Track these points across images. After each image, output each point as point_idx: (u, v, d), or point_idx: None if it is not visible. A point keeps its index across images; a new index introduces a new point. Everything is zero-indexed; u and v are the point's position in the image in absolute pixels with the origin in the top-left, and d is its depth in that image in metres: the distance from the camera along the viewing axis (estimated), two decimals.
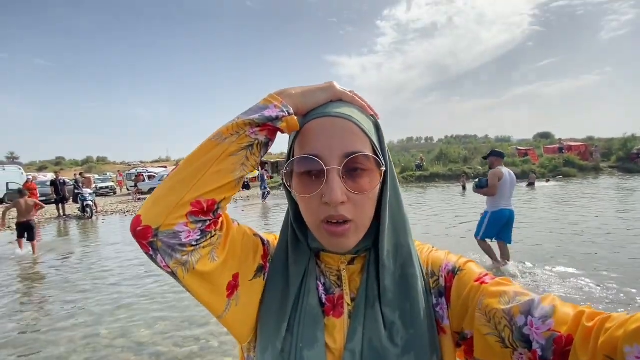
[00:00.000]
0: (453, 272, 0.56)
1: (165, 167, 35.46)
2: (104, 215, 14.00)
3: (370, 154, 0.52)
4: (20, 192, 8.14)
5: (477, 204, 12.64)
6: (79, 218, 13.39)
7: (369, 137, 0.53)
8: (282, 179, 0.59)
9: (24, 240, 7.74)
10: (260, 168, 24.08)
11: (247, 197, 19.41)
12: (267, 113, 0.52)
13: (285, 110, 0.53)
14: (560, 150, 27.76)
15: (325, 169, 0.50)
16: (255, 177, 23.59)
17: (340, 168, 0.50)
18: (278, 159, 35.32)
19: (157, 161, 63.18)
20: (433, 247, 0.63)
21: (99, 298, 4.82)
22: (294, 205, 0.61)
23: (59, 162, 63.19)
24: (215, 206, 0.52)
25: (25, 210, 7.68)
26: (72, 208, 15.01)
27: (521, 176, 22.69)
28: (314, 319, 0.55)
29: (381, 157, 0.55)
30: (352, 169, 0.51)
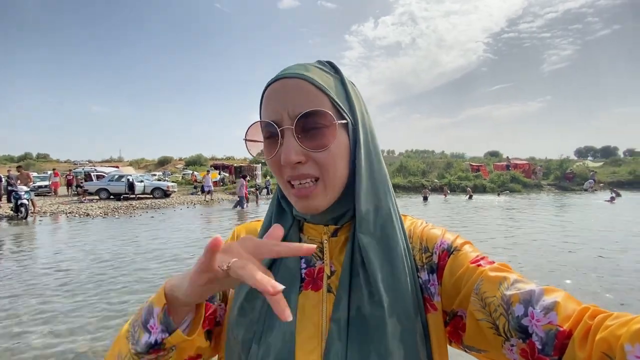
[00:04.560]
0: (448, 251, 0.53)
1: (117, 167, 33.03)
2: (41, 216, 12.63)
3: (325, 109, 0.50)
4: None
5: (437, 212, 13.27)
6: (10, 218, 11.93)
7: (326, 93, 0.51)
8: (252, 152, 0.59)
9: None
10: (207, 172, 23.27)
11: (206, 201, 18.63)
12: (152, 335, 0.46)
13: (163, 327, 0.46)
14: (507, 167, 30.11)
15: (278, 130, 0.50)
16: (215, 182, 22.77)
17: (293, 127, 0.49)
18: (241, 164, 34.55)
19: (107, 161, 58.80)
20: (428, 223, 0.61)
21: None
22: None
23: None
24: None
25: None
26: (4, 207, 13.34)
27: (480, 189, 24.30)
28: (290, 279, 0.53)
29: (345, 113, 0.52)
30: (308, 127, 0.49)
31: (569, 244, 7.52)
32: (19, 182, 12.91)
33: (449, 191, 21.06)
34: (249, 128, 0.54)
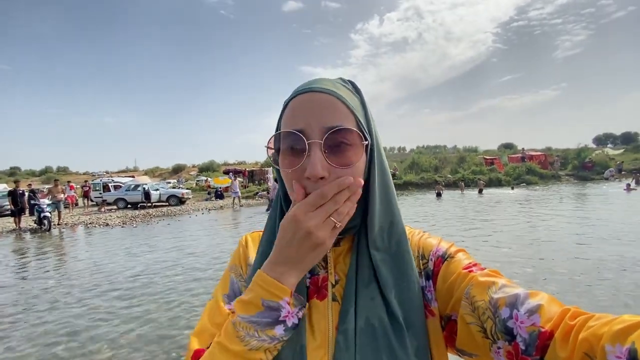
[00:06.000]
0: (443, 258, 0.55)
1: (133, 176, 33.85)
2: (63, 228, 13.06)
3: (353, 128, 0.51)
4: None
5: (449, 208, 13.10)
6: (33, 231, 12.39)
7: (353, 113, 0.52)
8: (270, 157, 0.57)
9: None
10: (233, 177, 23.66)
11: (221, 207, 18.90)
12: (288, 322, 0.48)
13: (297, 309, 0.50)
14: (523, 159, 29.40)
15: (307, 142, 0.50)
16: (228, 187, 23.09)
17: (322, 142, 0.50)
18: (253, 168, 34.90)
19: (123, 171, 60.24)
20: (425, 232, 0.62)
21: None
22: (283, 185, 0.59)
23: (13, 173, 58.29)
24: None
25: None
26: (28, 220, 13.85)
27: (495, 183, 23.81)
28: (298, 291, 0.54)
29: (366, 133, 0.54)
30: (335, 143, 0.50)
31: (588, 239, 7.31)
32: (49, 195, 13.36)
33: (441, 188, 20.70)
34: (272, 137, 0.55)
